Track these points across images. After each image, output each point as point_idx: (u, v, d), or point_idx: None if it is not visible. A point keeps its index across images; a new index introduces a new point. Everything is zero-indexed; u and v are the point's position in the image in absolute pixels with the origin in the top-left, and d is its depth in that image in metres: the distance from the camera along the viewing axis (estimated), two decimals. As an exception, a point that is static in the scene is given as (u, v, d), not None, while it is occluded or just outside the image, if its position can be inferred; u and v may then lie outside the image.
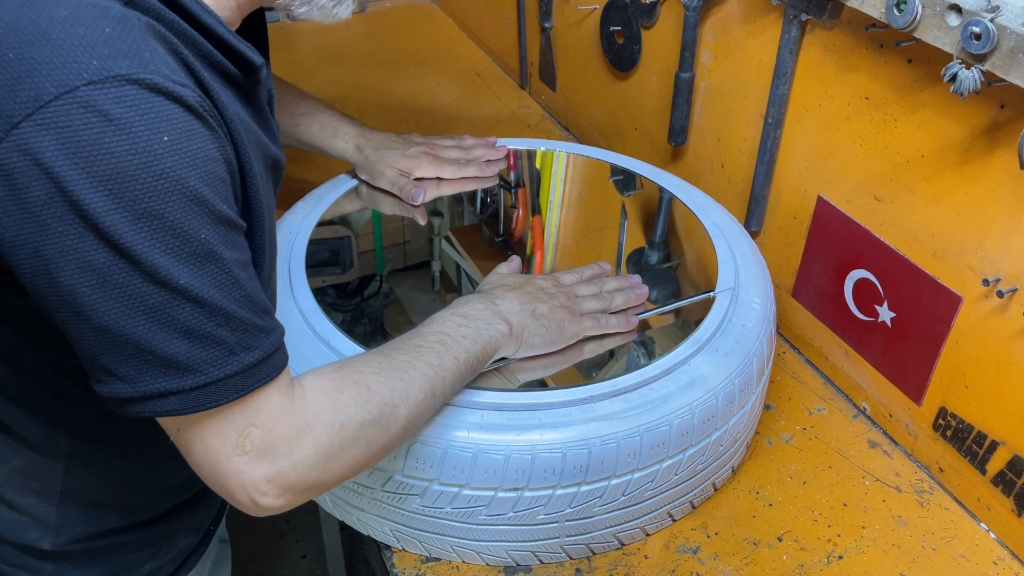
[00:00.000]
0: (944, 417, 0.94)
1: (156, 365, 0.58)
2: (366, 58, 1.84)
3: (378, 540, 0.88)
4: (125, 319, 0.56)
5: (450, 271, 1.16)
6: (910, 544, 0.90)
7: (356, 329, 1.16)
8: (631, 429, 0.79)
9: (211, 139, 0.58)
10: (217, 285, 0.58)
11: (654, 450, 0.80)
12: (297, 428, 0.64)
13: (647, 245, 1.10)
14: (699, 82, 1.18)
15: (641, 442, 0.79)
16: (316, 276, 0.97)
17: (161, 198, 0.55)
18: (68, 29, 0.53)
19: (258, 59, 0.68)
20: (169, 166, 0.55)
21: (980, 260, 0.85)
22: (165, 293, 0.56)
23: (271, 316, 0.64)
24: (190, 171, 0.56)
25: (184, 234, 0.56)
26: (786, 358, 1.13)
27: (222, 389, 0.60)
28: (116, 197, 0.53)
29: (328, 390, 0.67)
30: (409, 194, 1.10)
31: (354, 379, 0.69)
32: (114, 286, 0.55)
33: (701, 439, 0.83)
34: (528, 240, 1.14)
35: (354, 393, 0.68)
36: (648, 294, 0.94)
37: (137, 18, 0.56)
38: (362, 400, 0.68)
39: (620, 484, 0.81)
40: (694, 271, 1.04)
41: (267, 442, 0.63)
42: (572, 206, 1.19)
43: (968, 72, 0.74)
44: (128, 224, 0.54)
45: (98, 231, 0.54)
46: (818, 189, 1.03)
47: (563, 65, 1.54)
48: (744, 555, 0.88)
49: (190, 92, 0.57)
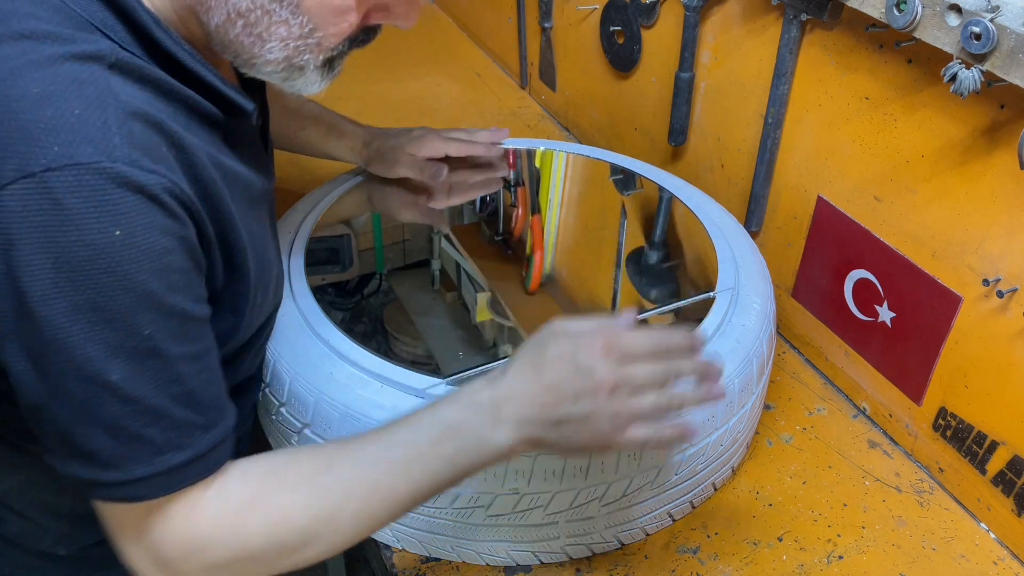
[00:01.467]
0: (944, 417, 0.94)
1: (77, 454, 0.57)
2: (366, 58, 1.84)
3: (378, 540, 0.88)
4: (52, 406, 0.56)
5: (450, 270, 1.16)
6: (910, 544, 0.90)
7: (356, 328, 1.16)
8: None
9: (171, 229, 0.57)
10: (155, 382, 0.57)
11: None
12: (196, 543, 0.62)
13: (647, 245, 1.10)
14: (699, 82, 1.18)
15: (641, 442, 0.79)
16: (316, 275, 0.97)
17: (106, 292, 0.54)
18: (37, 109, 0.53)
19: (249, 105, 0.67)
20: (118, 261, 0.54)
21: (980, 260, 0.85)
22: (94, 388, 0.55)
23: (217, 409, 0.63)
24: (141, 266, 0.55)
25: (126, 329, 0.55)
26: (786, 358, 1.13)
27: (140, 488, 0.59)
28: (58, 287, 0.53)
29: (239, 508, 0.63)
30: (430, 173, 1.06)
31: (274, 499, 0.64)
32: (45, 373, 0.55)
33: (701, 439, 0.83)
34: (528, 239, 1.14)
35: (265, 516, 0.63)
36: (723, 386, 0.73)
37: (115, 96, 0.55)
38: (273, 526, 0.63)
39: (620, 484, 0.81)
40: (694, 271, 1.04)
41: (164, 547, 0.61)
42: (572, 205, 1.19)
43: (968, 72, 0.74)
44: (67, 315, 0.53)
45: (36, 318, 0.53)
46: (818, 189, 1.03)
47: (563, 65, 1.54)
48: (744, 555, 0.88)
49: (158, 179, 0.55)
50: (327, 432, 0.81)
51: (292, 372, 0.83)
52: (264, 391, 0.88)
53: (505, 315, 1.08)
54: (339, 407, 0.80)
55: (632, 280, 1.10)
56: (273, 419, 0.87)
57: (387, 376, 0.81)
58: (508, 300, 1.08)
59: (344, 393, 0.80)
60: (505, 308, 1.08)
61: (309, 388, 0.81)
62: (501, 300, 1.08)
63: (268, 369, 0.86)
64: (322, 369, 0.82)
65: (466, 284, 1.09)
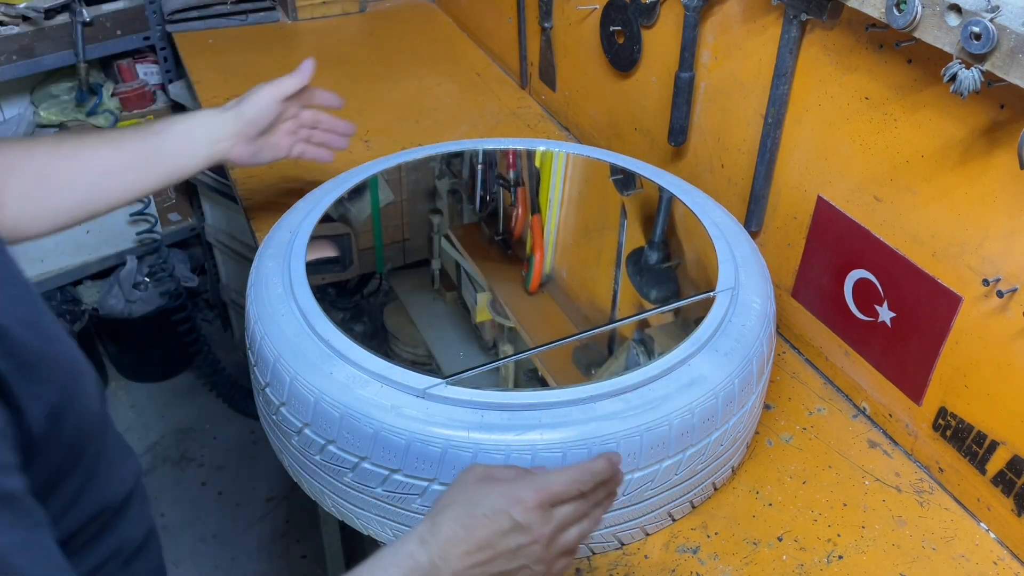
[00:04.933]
0: (944, 417, 0.94)
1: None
2: (366, 58, 1.84)
3: (378, 540, 0.88)
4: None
5: (450, 269, 1.16)
6: (910, 544, 0.90)
7: (356, 327, 1.16)
8: (631, 429, 0.79)
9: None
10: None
11: (654, 450, 0.80)
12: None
13: (647, 245, 1.10)
14: (699, 82, 1.18)
15: (641, 442, 0.79)
16: (316, 274, 0.97)
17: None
18: None
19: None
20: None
21: (980, 260, 0.85)
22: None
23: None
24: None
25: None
26: (786, 358, 1.13)
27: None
28: None
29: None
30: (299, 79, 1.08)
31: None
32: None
33: (701, 439, 0.84)
34: (528, 239, 1.14)
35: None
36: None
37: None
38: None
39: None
40: (694, 271, 1.04)
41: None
42: (572, 206, 1.19)
43: (968, 72, 0.74)
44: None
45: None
46: (818, 189, 1.03)
47: (563, 65, 1.54)
48: (744, 555, 0.88)
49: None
50: (327, 432, 0.81)
51: (292, 372, 0.83)
52: (264, 391, 0.88)
53: (505, 315, 1.08)
54: (339, 407, 0.80)
55: (632, 280, 1.11)
56: (273, 419, 0.88)
57: (387, 376, 0.81)
58: (508, 300, 1.08)
59: (344, 393, 0.80)
60: (505, 308, 1.08)
61: (309, 388, 0.81)
62: (501, 300, 1.08)
63: (268, 369, 0.86)
64: (322, 369, 0.82)
65: (466, 284, 1.09)
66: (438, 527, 0.66)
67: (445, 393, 0.80)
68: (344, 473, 0.82)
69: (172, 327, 2.28)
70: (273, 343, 0.86)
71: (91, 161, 0.97)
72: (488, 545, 0.65)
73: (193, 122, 1.05)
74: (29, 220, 0.92)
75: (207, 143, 1.04)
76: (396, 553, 0.65)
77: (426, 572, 0.64)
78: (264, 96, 1.07)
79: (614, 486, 0.71)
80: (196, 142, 1.04)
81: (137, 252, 2.34)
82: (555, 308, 1.13)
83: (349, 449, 0.80)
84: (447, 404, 0.79)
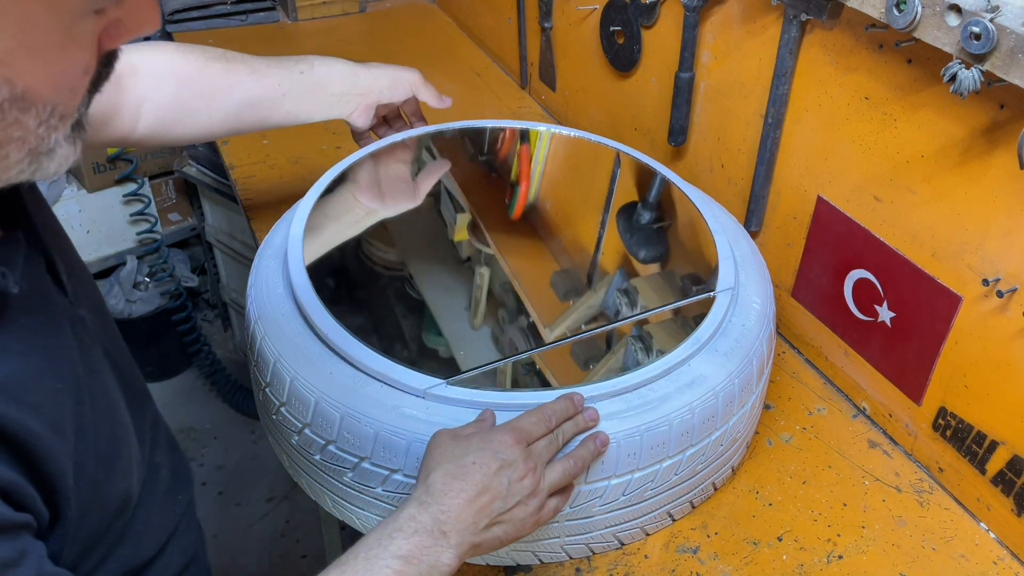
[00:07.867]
0: (944, 417, 0.94)
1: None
2: (366, 58, 1.83)
3: (378, 540, 0.88)
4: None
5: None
6: (910, 544, 0.90)
7: (355, 326, 1.15)
8: (631, 429, 0.79)
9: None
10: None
11: (654, 450, 0.80)
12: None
13: (640, 204, 1.08)
14: (699, 82, 1.18)
15: (641, 442, 0.79)
16: (315, 275, 0.96)
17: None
18: None
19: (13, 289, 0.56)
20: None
21: (980, 260, 0.85)
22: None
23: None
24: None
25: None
26: (786, 358, 1.13)
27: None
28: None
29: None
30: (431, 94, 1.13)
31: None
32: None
33: (701, 439, 0.84)
34: (514, 166, 1.13)
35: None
36: (597, 419, 0.80)
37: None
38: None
39: (620, 484, 0.81)
40: (694, 270, 1.04)
41: None
42: (560, 159, 1.17)
43: (968, 72, 0.74)
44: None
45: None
46: (818, 189, 1.03)
47: (563, 65, 1.55)
48: (744, 555, 0.88)
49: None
50: (327, 432, 0.81)
51: (292, 372, 0.83)
52: (264, 391, 0.88)
53: (484, 241, 1.07)
54: (339, 407, 0.80)
55: (622, 238, 1.09)
56: (273, 419, 0.88)
57: (387, 376, 0.81)
58: (488, 225, 1.08)
59: (344, 393, 0.80)
60: (485, 233, 1.07)
61: (309, 388, 0.81)
62: (481, 224, 1.08)
63: (268, 369, 0.86)
64: (322, 369, 0.82)
65: (445, 200, 1.08)
66: (432, 486, 0.69)
67: (446, 393, 0.80)
68: (344, 473, 0.82)
69: (172, 327, 2.28)
70: (273, 343, 0.86)
71: (232, 92, 1.03)
72: (484, 488, 0.69)
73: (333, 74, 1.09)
74: (159, 138, 1.04)
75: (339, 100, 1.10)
76: (396, 519, 0.67)
77: (430, 530, 0.67)
78: (405, 84, 1.12)
79: (584, 424, 0.77)
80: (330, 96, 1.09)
81: (137, 252, 2.34)
82: (536, 239, 1.11)
83: (349, 449, 0.80)
84: (448, 404, 0.79)
